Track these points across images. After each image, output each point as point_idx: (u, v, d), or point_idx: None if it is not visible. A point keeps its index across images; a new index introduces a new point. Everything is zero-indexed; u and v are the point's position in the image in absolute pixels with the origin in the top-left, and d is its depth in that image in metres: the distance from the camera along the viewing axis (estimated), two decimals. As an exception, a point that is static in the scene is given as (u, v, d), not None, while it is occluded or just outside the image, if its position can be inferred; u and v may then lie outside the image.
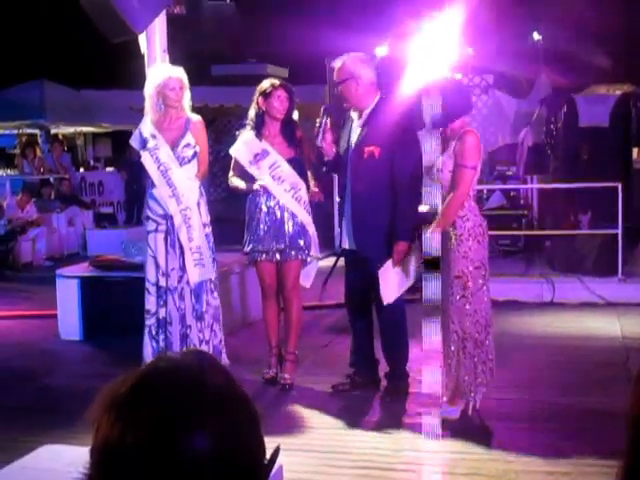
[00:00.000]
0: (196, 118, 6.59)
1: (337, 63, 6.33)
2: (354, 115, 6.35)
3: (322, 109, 6.47)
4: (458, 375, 5.71)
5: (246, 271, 8.55)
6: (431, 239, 5.63)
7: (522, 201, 13.51)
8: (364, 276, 6.31)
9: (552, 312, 9.24)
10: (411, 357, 6.42)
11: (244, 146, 6.70)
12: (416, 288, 6.58)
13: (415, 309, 6.57)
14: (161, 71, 6.58)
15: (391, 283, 6.13)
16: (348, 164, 6.28)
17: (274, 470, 1.35)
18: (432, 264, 5.59)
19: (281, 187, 6.60)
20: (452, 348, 5.68)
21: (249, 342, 7.95)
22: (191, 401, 1.23)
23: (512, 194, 13.37)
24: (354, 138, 6.28)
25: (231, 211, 6.57)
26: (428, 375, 5.59)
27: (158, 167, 6.51)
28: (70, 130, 20.86)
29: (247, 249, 6.72)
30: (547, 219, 12.13)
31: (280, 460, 1.38)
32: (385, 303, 6.14)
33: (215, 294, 6.65)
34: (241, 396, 1.30)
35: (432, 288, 5.73)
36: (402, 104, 5.99)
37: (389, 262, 6.09)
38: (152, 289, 6.58)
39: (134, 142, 6.68)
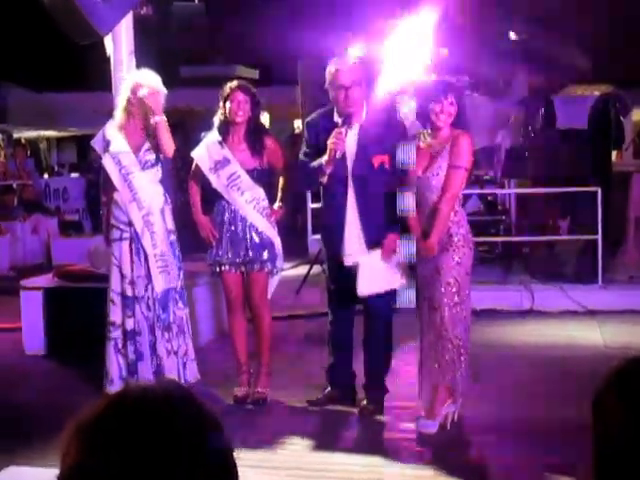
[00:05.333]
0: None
1: (347, 65, 6.10)
2: (340, 122, 6.08)
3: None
4: (453, 383, 5.62)
5: (218, 280, 8.33)
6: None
7: (499, 206, 13.34)
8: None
9: (532, 321, 9.07)
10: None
11: (206, 151, 6.51)
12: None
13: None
14: (142, 78, 6.34)
15: (373, 275, 5.96)
16: (350, 173, 6.06)
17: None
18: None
19: (242, 198, 6.41)
20: (446, 357, 5.58)
21: (220, 355, 7.71)
22: (157, 431, 1.23)
23: (489, 198, 13.20)
24: (351, 146, 6.05)
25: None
26: (406, 388, 5.46)
27: (119, 170, 6.35)
28: (33, 134, 20.53)
29: (210, 260, 6.52)
30: (525, 224, 11.96)
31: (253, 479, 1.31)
32: (359, 294, 5.98)
33: (180, 304, 6.44)
34: (210, 427, 1.29)
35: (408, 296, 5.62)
36: (390, 108, 5.83)
37: (377, 252, 5.93)
38: (117, 299, 6.38)
39: (96, 144, 6.50)
